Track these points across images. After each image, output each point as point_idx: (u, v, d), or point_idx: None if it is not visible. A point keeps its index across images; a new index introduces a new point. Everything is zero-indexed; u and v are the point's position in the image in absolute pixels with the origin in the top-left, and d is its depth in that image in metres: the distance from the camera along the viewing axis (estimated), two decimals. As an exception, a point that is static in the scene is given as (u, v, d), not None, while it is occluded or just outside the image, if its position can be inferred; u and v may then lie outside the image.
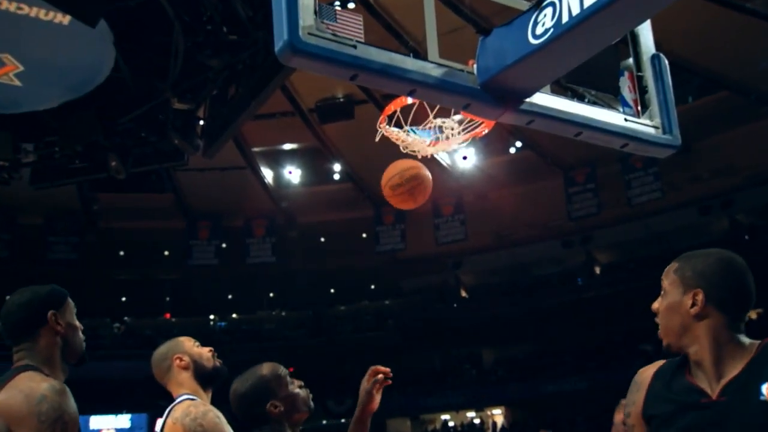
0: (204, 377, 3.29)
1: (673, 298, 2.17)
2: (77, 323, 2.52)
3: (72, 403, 2.22)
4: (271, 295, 33.58)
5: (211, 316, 32.15)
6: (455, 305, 32.17)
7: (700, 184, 25.67)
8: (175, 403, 3.10)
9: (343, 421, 30.70)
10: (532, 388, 29.71)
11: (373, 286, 33.01)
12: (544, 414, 29.06)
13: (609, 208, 25.28)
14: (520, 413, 31.07)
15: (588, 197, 25.16)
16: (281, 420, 2.96)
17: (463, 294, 32.58)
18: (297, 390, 3.05)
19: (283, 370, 3.05)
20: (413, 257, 28.98)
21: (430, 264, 30.41)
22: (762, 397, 1.21)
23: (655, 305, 2.44)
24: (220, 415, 3.08)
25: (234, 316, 33.27)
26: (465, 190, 25.62)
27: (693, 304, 2.18)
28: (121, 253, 29.31)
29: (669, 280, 2.34)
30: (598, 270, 30.63)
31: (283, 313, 33.78)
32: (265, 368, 3.02)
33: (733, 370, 2.01)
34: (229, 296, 32.30)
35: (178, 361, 3.25)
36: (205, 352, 3.35)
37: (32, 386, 2.18)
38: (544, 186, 26.19)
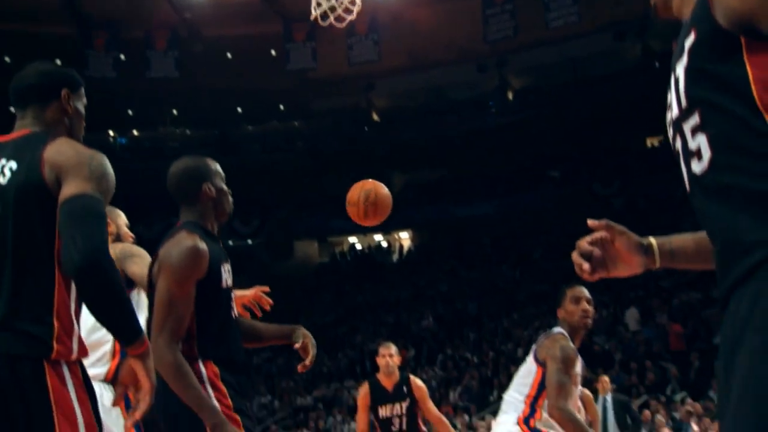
0: None
1: None
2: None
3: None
4: (175, 112, 32.83)
5: (110, 132, 31.39)
6: (367, 128, 32.26)
7: (616, 9, 25.76)
8: None
9: (249, 242, 31.27)
10: (439, 212, 30.66)
11: (282, 107, 32.60)
12: (450, 237, 30.23)
13: (525, 31, 25.22)
14: (426, 236, 32.21)
15: (505, 19, 24.98)
16: (210, 208, 3.15)
17: (375, 117, 32.62)
18: (226, 189, 3.22)
19: (218, 166, 3.22)
20: (325, 77, 28.56)
21: (342, 85, 30.08)
22: None
23: None
24: None
25: (135, 132, 32.56)
26: (380, 7, 24.98)
27: None
28: (7, 59, 27.71)
29: None
30: (511, 95, 31.00)
31: (188, 132, 33.24)
32: (203, 158, 3.23)
33: None
34: (129, 112, 31.42)
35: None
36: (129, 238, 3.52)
37: (80, 147, 2.30)
38: (461, 6, 25.79)
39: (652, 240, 1.73)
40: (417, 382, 6.52)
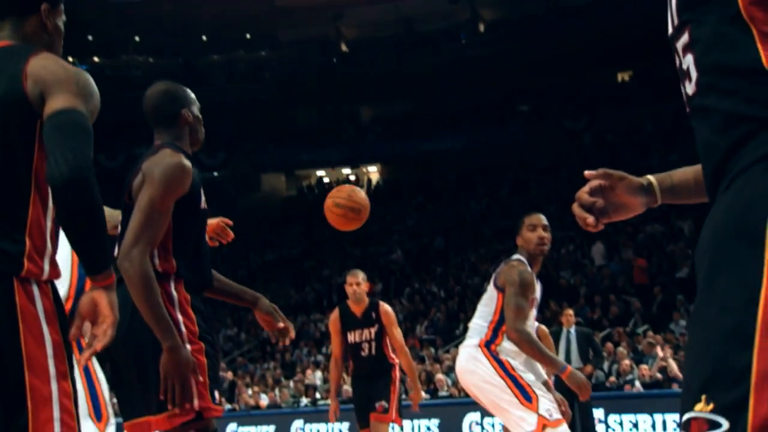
0: None
1: None
2: None
3: None
4: (137, 39, 32.13)
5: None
6: (335, 60, 31.87)
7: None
8: None
9: (215, 174, 31.05)
10: (408, 146, 30.61)
11: (248, 36, 32.03)
12: (418, 172, 30.27)
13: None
14: (396, 170, 32.22)
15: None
16: (186, 134, 3.18)
17: (344, 48, 32.20)
18: (201, 118, 3.26)
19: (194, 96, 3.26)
20: (292, 6, 28.08)
21: (311, 14, 29.58)
22: None
23: None
24: None
25: (96, 59, 31.87)
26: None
27: None
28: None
29: None
30: (482, 27, 30.73)
31: (151, 60, 32.60)
32: (181, 85, 3.26)
33: None
34: (89, 37, 30.67)
35: None
36: None
37: (66, 64, 2.26)
38: (434, -66, 25.35)
39: (652, 179, 1.72)
40: (385, 307, 6.61)
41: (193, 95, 3.27)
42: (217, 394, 2.99)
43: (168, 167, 2.94)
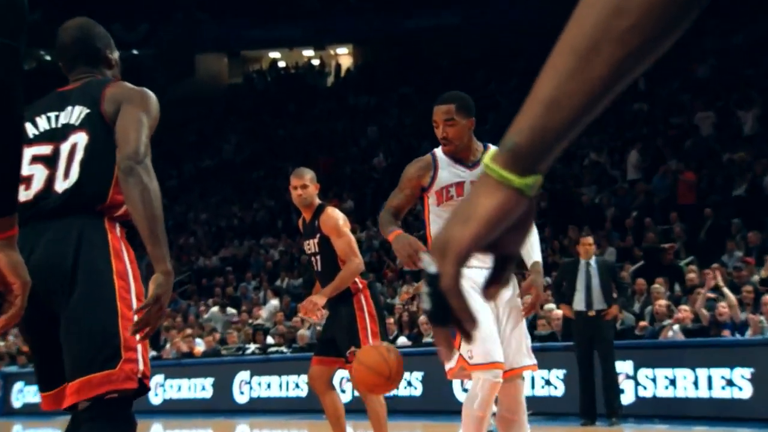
0: None
1: None
2: None
3: None
4: None
5: None
6: None
7: None
8: None
9: (135, 52, 30.62)
10: (389, 23, 30.30)
11: None
12: (401, 55, 30.02)
13: None
14: (372, 53, 31.96)
15: None
16: (110, 78, 3.57)
17: None
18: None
19: None
20: None
21: None
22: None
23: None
24: None
25: None
26: None
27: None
28: None
29: None
30: None
31: None
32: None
33: None
34: None
35: None
36: None
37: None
38: None
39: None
40: (328, 212, 6.65)
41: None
42: None
43: (153, 100, 3.36)
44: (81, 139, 3.24)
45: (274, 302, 17.52)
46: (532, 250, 5.10)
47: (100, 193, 3.17)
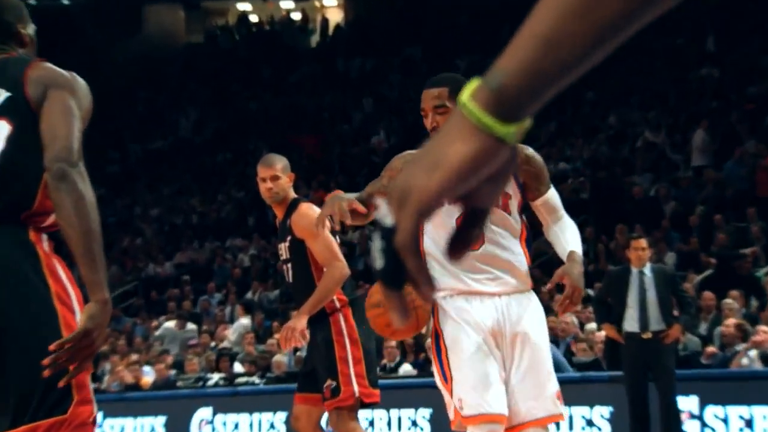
0: None
1: None
2: None
3: None
4: None
5: None
6: None
7: None
8: None
9: (67, 2, 30.62)
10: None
11: None
12: (402, 10, 30.09)
13: None
14: (367, 7, 32.04)
15: None
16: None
17: None
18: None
19: None
20: None
21: None
22: None
23: None
24: None
25: None
26: None
27: None
28: None
29: None
30: None
31: None
32: None
33: None
34: None
35: None
36: None
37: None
38: None
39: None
40: (302, 209, 6.56)
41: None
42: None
43: (83, 86, 3.44)
44: (2, 128, 3.24)
45: (244, 321, 17.52)
46: (567, 243, 4.88)
47: (26, 197, 3.14)
